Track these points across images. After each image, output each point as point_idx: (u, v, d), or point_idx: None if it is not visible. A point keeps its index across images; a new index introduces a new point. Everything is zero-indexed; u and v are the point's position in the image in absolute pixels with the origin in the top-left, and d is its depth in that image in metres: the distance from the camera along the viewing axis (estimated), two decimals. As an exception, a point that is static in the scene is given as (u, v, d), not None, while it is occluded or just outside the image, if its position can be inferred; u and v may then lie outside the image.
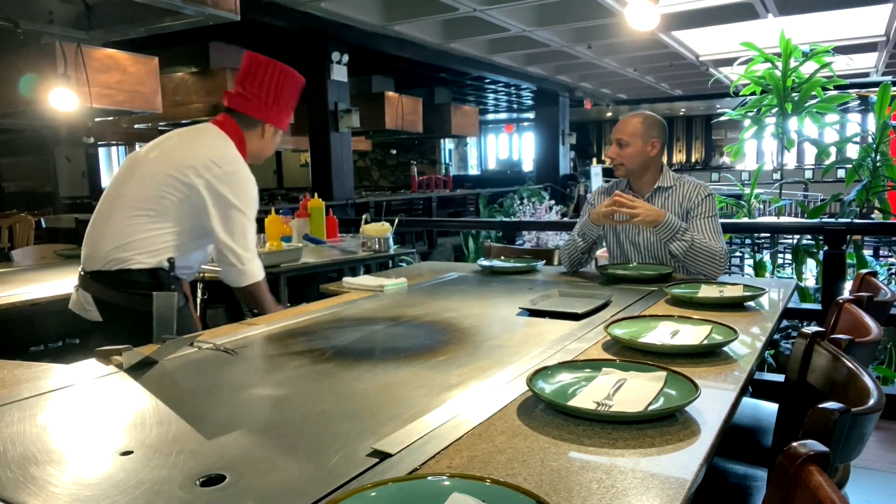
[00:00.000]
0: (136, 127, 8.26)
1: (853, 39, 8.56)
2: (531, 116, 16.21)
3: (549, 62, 10.07)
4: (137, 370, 1.37)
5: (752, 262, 4.75)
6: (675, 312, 1.74)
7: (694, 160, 19.55)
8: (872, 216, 5.06)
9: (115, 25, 4.04)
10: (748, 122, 4.50)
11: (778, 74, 4.25)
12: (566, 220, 7.27)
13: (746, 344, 1.48)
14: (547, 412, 1.07)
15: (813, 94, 4.25)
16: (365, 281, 2.33)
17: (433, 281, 2.45)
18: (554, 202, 8.67)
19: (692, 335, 1.47)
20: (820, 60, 4.23)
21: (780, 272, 4.91)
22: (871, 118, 8.61)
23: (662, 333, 1.49)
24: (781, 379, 1.66)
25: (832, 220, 3.82)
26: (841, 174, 5.33)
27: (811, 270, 4.63)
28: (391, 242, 3.45)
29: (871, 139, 4.26)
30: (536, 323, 1.75)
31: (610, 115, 17.74)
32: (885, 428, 2.94)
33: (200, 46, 7.36)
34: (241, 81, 2.13)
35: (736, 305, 1.87)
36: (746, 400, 1.89)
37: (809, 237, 4.21)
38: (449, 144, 18.49)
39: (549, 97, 12.54)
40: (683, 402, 1.05)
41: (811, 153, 13.48)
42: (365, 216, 3.58)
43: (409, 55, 8.08)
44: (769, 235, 5.35)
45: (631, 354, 1.37)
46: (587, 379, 1.18)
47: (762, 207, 7.07)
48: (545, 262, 2.83)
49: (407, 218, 7.41)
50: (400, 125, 9.14)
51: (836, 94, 4.34)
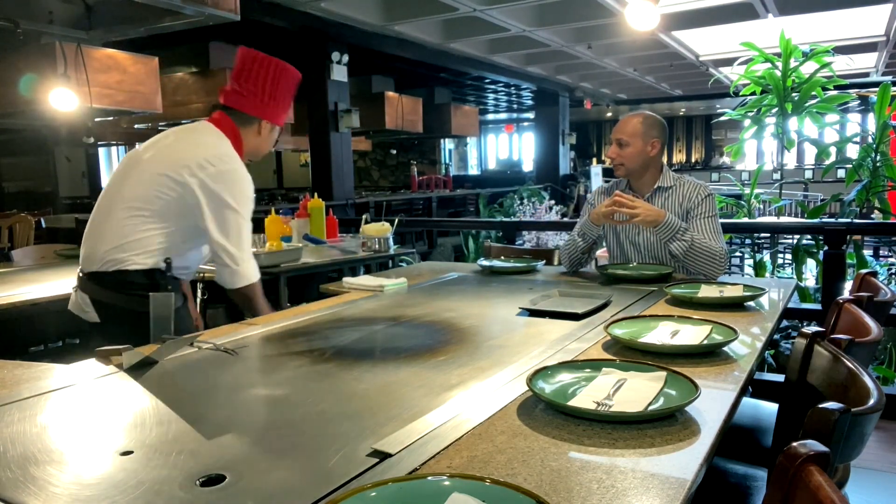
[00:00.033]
0: (136, 127, 8.26)
1: (853, 39, 8.56)
2: (531, 116, 16.20)
3: (549, 62, 10.07)
4: (137, 370, 1.37)
5: (752, 262, 4.75)
6: (675, 312, 1.74)
7: (694, 160, 19.55)
8: (872, 216, 5.07)
9: (115, 25, 4.04)
10: (748, 122, 4.50)
11: (778, 74, 4.25)
12: (566, 220, 7.27)
13: (746, 344, 1.48)
14: (547, 412, 1.07)
15: (813, 94, 4.25)
16: (365, 281, 2.33)
17: (433, 281, 2.45)
18: (554, 202, 8.67)
19: (692, 335, 1.47)
20: (820, 60, 4.23)
21: (780, 272, 4.91)
22: (871, 118, 8.61)
23: (662, 333, 1.49)
24: (781, 379, 1.65)
25: (832, 220, 3.82)
26: (841, 174, 5.33)
27: (811, 270, 4.63)
28: (391, 242, 3.45)
29: (871, 139, 4.26)
30: (536, 323, 1.75)
31: (610, 115, 17.74)
32: (885, 428, 2.94)
33: (200, 46, 7.36)
34: (236, 78, 2.09)
35: (736, 305, 1.87)
36: (746, 400, 1.89)
37: (809, 237, 4.21)
38: (449, 144, 18.48)
39: (549, 97, 12.53)
40: (683, 402, 1.05)
41: (811, 153, 13.48)
42: (365, 216, 3.58)
43: (409, 55, 8.08)
44: (769, 235, 5.35)
45: (631, 354, 1.37)
46: (587, 379, 1.18)
47: (762, 207, 7.07)
48: (545, 262, 2.83)
49: (407, 218, 7.41)
50: (400, 125, 9.14)
51: (836, 94, 4.35)
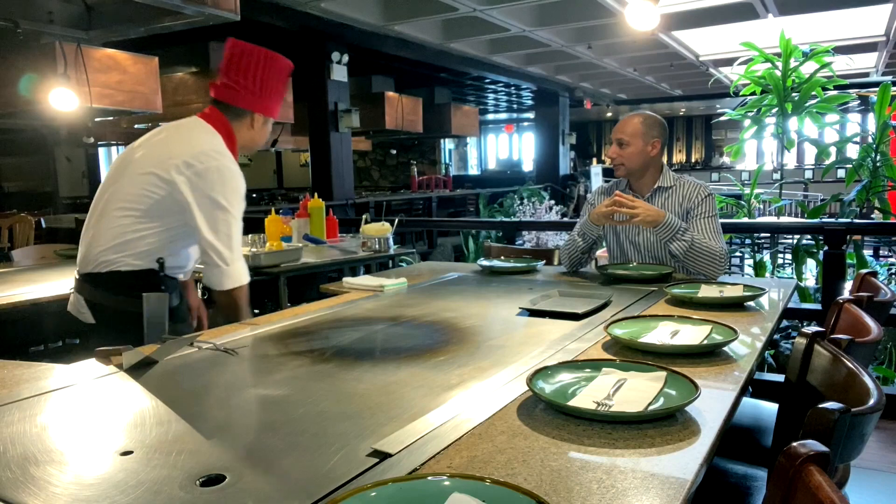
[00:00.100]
0: (136, 127, 8.24)
1: (853, 39, 8.56)
2: (531, 116, 16.20)
3: (549, 62, 10.07)
4: (137, 370, 1.37)
5: (752, 262, 4.75)
6: (675, 312, 1.74)
7: (694, 160, 19.56)
8: (872, 216, 5.07)
9: (115, 25, 4.03)
10: (748, 122, 4.50)
11: (778, 74, 4.25)
12: (566, 220, 7.28)
13: (746, 344, 1.48)
14: (547, 412, 1.07)
15: (813, 94, 4.25)
16: (365, 281, 2.33)
17: (433, 281, 2.45)
18: (554, 202, 8.68)
19: (692, 335, 1.47)
20: (820, 60, 4.23)
21: (780, 272, 4.91)
22: (871, 118, 8.61)
23: (662, 333, 1.49)
24: (781, 379, 1.66)
25: (832, 220, 3.82)
26: (841, 174, 5.32)
27: (811, 270, 4.63)
28: (391, 242, 3.45)
29: (871, 139, 4.26)
30: (536, 323, 1.75)
31: (610, 115, 17.74)
32: (885, 428, 2.94)
33: (200, 46, 7.35)
34: (225, 71, 2.03)
35: (736, 305, 1.87)
36: (746, 400, 1.89)
37: (809, 237, 4.21)
38: (449, 144, 18.48)
39: (549, 97, 12.53)
40: (683, 402, 1.05)
41: (811, 153, 13.48)
42: (365, 216, 3.58)
43: (409, 55, 8.08)
44: (769, 235, 5.35)
45: (631, 354, 1.38)
46: (587, 379, 1.18)
47: (762, 207, 7.07)
48: (545, 262, 2.83)
49: (407, 218, 7.41)
50: (400, 125, 9.14)
51: (836, 94, 4.34)
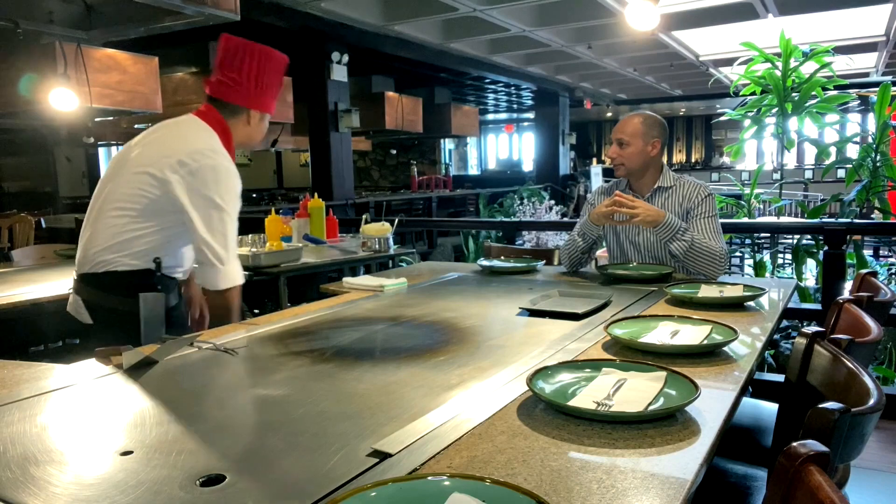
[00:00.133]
0: (136, 127, 8.24)
1: (853, 39, 8.56)
2: (531, 116, 16.20)
3: (549, 62, 10.07)
4: (137, 370, 1.37)
5: (752, 262, 4.75)
6: (675, 312, 1.74)
7: (694, 160, 19.56)
8: (872, 216, 5.07)
9: (115, 25, 4.03)
10: (748, 122, 4.50)
11: (778, 74, 4.25)
12: (566, 220, 7.28)
13: (746, 344, 1.48)
14: (547, 412, 1.07)
15: (813, 94, 4.25)
16: (365, 281, 2.33)
17: (433, 281, 2.45)
18: (554, 202, 8.68)
19: (692, 335, 1.47)
20: (820, 60, 4.23)
21: (780, 272, 4.91)
22: (871, 118, 8.61)
23: (662, 333, 1.49)
24: (781, 379, 1.66)
25: (832, 220, 3.82)
26: (841, 174, 5.33)
27: (811, 270, 4.63)
28: (391, 242, 3.45)
29: (871, 139, 4.26)
30: (536, 323, 1.75)
31: (610, 115, 17.74)
32: (885, 428, 2.94)
33: (200, 46, 7.35)
34: (220, 67, 2.00)
35: (736, 305, 1.87)
36: (746, 400, 1.89)
37: (809, 237, 4.21)
38: (449, 144, 18.48)
39: (549, 97, 12.53)
40: (683, 402, 1.05)
41: (811, 153, 13.48)
42: (365, 216, 3.58)
43: (409, 55, 8.08)
44: (769, 235, 5.35)
45: (631, 354, 1.38)
46: (587, 379, 1.18)
47: (762, 207, 7.07)
48: (545, 262, 2.83)
49: (407, 218, 7.41)
50: (400, 125, 9.14)
51: (836, 94, 4.34)
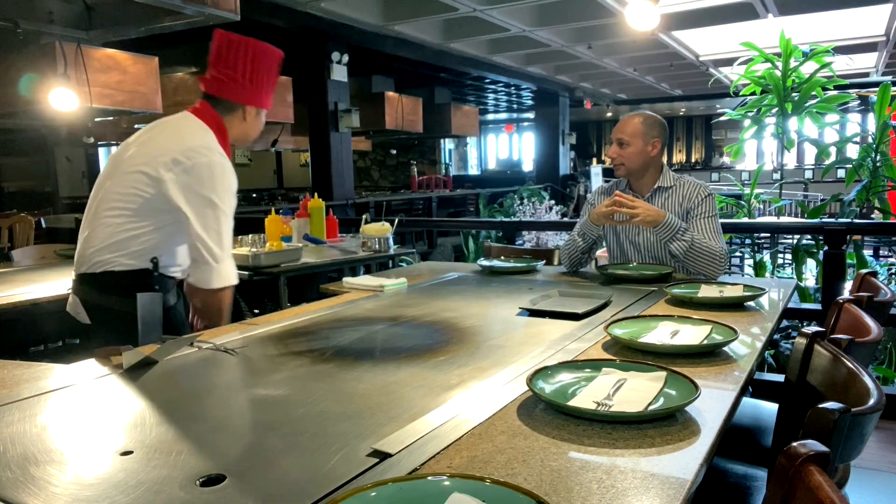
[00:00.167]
0: (135, 127, 8.24)
1: (853, 39, 8.56)
2: (531, 116, 16.21)
3: (549, 62, 10.07)
4: (137, 370, 1.37)
5: (752, 262, 4.75)
6: (675, 312, 1.74)
7: (694, 160, 19.56)
8: (872, 216, 5.07)
9: (115, 25, 4.03)
10: (748, 122, 4.50)
11: (778, 74, 4.25)
12: (566, 220, 7.28)
13: (746, 344, 1.48)
14: (547, 412, 1.07)
15: (813, 94, 4.25)
16: (365, 281, 2.33)
17: (433, 281, 2.45)
18: (554, 202, 8.68)
19: (692, 335, 1.47)
20: (820, 60, 4.23)
21: (780, 272, 4.91)
22: (871, 118, 8.61)
23: (662, 333, 1.49)
24: (781, 379, 1.65)
25: (832, 220, 3.82)
26: (841, 174, 5.33)
27: (811, 270, 4.63)
28: (391, 242, 3.45)
29: (871, 139, 4.26)
30: (536, 323, 1.75)
31: (610, 115, 17.74)
32: (885, 428, 2.94)
33: (200, 46, 7.35)
34: (214, 63, 1.98)
35: (736, 305, 1.87)
36: (746, 400, 1.89)
37: (809, 237, 4.21)
38: (449, 144, 18.48)
39: (549, 97, 12.53)
40: (683, 402, 1.05)
41: (811, 153, 13.48)
42: (365, 216, 3.58)
43: (409, 55, 8.08)
44: (769, 235, 5.35)
45: (631, 354, 1.38)
46: (587, 379, 1.18)
47: (762, 207, 7.07)
48: (545, 262, 2.83)
49: (407, 218, 7.40)
50: (400, 125, 9.14)
51: (836, 94, 4.34)
